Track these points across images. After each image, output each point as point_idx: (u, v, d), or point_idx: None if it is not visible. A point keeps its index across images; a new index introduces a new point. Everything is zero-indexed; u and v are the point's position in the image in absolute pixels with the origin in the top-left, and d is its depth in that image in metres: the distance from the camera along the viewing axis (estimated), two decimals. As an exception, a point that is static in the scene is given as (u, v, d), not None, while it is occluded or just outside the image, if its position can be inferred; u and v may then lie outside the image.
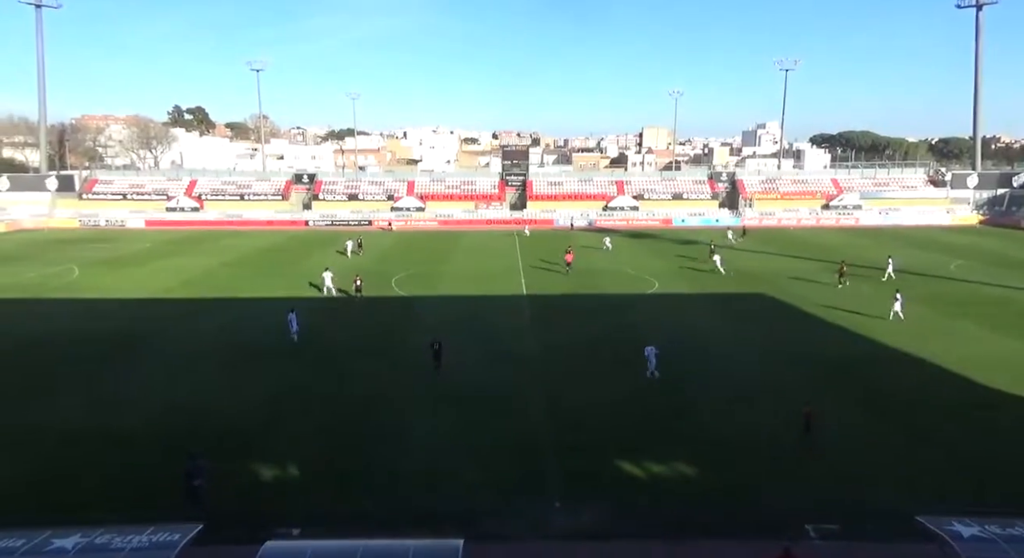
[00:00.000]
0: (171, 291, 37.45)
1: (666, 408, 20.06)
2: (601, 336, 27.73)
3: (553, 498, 14.93)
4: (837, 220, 74.12)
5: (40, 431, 18.32)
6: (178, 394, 21.21)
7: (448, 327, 28.17)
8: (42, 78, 76.58)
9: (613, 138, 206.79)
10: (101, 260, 48.25)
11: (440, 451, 17.33)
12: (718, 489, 15.42)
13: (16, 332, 28.29)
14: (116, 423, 18.82)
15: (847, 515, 14.13)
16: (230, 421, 19.03)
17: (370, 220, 72.83)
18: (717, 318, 31.21)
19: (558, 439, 18.01)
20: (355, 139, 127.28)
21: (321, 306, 33.94)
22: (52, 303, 34.54)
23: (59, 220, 71.94)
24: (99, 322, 30.10)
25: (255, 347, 26.15)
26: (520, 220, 73.26)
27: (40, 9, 73.55)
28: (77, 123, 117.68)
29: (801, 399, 19.34)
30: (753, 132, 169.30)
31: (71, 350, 25.73)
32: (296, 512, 14.31)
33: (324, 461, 16.80)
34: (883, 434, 18.29)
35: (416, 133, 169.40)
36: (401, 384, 22.24)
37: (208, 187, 79.00)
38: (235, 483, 15.45)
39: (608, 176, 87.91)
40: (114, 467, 16.23)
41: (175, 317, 31.36)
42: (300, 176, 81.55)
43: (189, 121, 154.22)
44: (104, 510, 13.85)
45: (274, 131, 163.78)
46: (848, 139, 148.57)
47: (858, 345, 26.53)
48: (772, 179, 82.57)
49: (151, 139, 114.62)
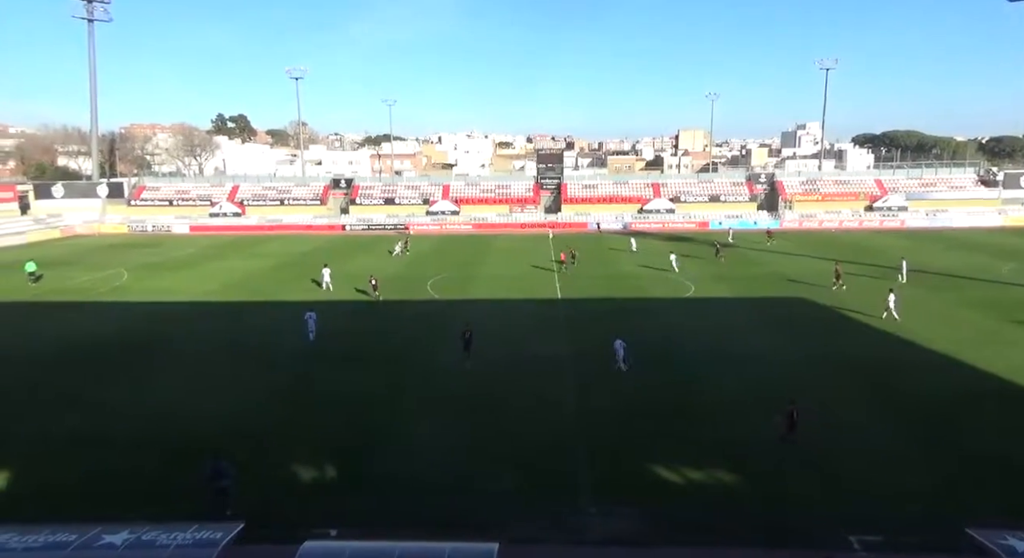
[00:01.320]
0: (214, 294, 38.48)
1: (702, 413, 19.76)
2: (635, 340, 27.47)
3: (587, 503, 14.86)
4: (881, 222, 72.05)
5: (84, 432, 19.01)
6: (218, 396, 21.76)
7: (481, 329, 28.29)
8: (94, 89, 79.65)
9: (648, 140, 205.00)
10: (148, 264, 49.89)
11: (470, 454, 17.40)
12: (757, 496, 15.12)
13: (68, 334, 29.39)
14: (157, 425, 19.41)
15: (892, 526, 13.70)
16: (257, 422, 19.45)
17: (406, 224, 73.68)
18: (755, 322, 30.60)
19: (590, 443, 17.92)
20: (391, 144, 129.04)
21: (358, 309, 34.47)
22: (101, 306, 35.83)
23: (109, 226, 74.64)
24: (143, 324, 31.14)
25: (290, 348, 26.68)
26: (552, 223, 73.28)
27: (92, 23, 76.54)
28: (126, 132, 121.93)
29: (841, 406, 18.84)
30: (793, 133, 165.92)
31: (116, 352, 26.65)
32: (325, 514, 14.52)
33: (352, 463, 16.98)
34: (927, 442, 17.69)
35: (451, 138, 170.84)
36: (432, 386, 22.42)
37: (249, 193, 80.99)
38: (260, 484, 15.74)
39: (643, 178, 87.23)
40: (153, 468, 16.73)
41: (217, 319, 32.23)
42: (338, 181, 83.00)
43: (232, 129, 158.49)
44: (154, 509, 14.30)
45: (313, 137, 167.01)
46: (893, 139, 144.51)
47: (901, 350, 25.73)
48: (813, 180, 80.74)
49: (195, 147, 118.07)
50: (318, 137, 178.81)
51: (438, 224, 74.28)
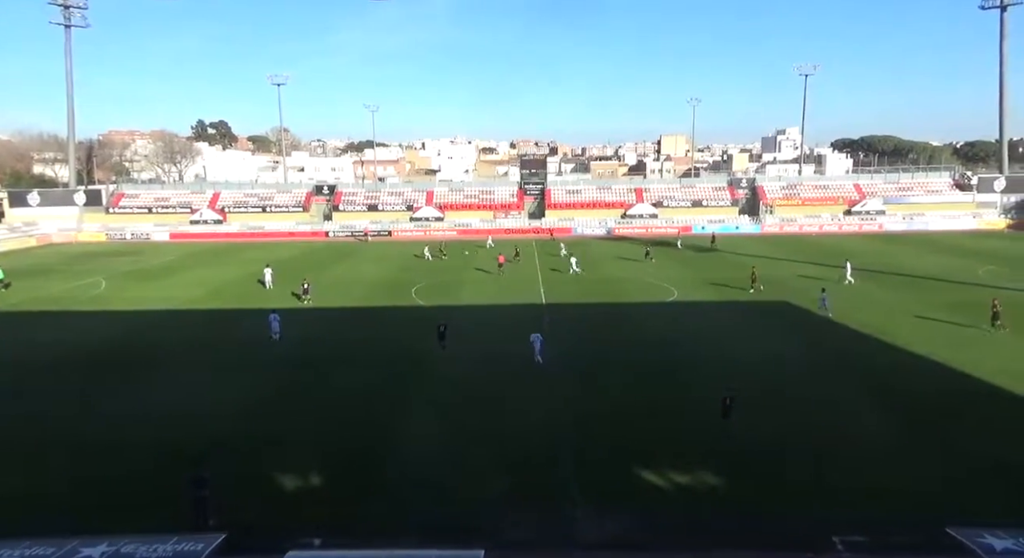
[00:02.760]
0: (195, 302, 38.03)
1: (688, 416, 19.85)
2: (620, 343, 27.61)
3: (574, 507, 14.85)
4: (860, 226, 73.14)
5: (64, 442, 18.66)
6: (200, 403, 21.44)
7: (467, 335, 28.33)
8: (71, 95, 78.69)
9: (631, 146, 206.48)
10: (127, 273, 49.19)
11: (458, 459, 17.32)
12: (742, 498, 15.20)
13: (45, 344, 28.86)
14: (135, 433, 19.10)
15: (875, 527, 13.84)
16: (240, 430, 19.22)
17: (390, 231, 73.45)
18: (738, 326, 30.88)
19: (577, 447, 17.92)
20: (374, 151, 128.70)
21: (351, 315, 34.26)
22: (79, 315, 35.23)
23: (87, 234, 73.56)
24: (122, 333, 30.65)
25: (272, 355, 26.44)
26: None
27: (69, 29, 75.60)
28: (104, 138, 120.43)
29: (825, 406, 19.00)
30: (773, 138, 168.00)
31: (93, 362, 26.22)
32: (310, 522, 14.36)
33: (335, 470, 16.83)
34: (911, 443, 17.94)
35: (434, 144, 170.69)
36: (421, 392, 22.32)
37: (231, 200, 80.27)
38: (243, 493, 15.55)
39: (627, 184, 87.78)
40: (132, 477, 16.45)
41: (197, 327, 31.84)
42: (320, 188, 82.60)
43: (212, 135, 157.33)
44: (129, 520, 14.04)
45: (295, 144, 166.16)
46: (870, 144, 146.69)
47: (884, 353, 26.10)
48: (793, 185, 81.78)
49: (175, 153, 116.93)
50: (300, 143, 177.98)
51: (422, 230, 74.14)
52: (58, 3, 73.75)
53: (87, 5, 75.69)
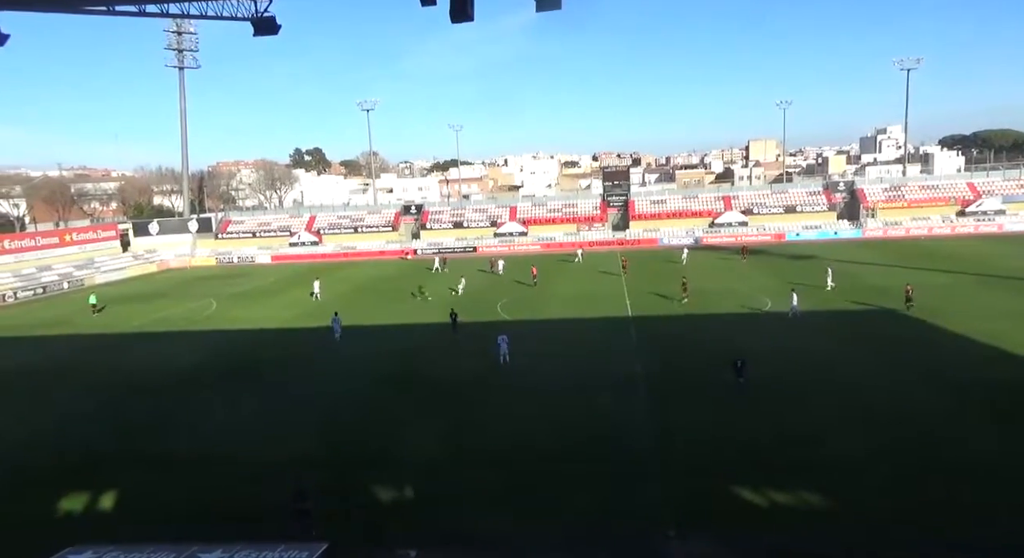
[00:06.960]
0: (293, 321, 40.16)
1: (780, 432, 18.93)
2: (712, 357, 26.74)
3: (667, 527, 14.46)
4: (976, 227, 67.45)
5: (179, 454, 20.13)
6: (303, 417, 22.60)
7: (554, 350, 28.35)
8: (184, 132, 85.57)
9: (718, 153, 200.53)
10: (235, 294, 52.68)
11: (549, 477, 17.30)
12: (836, 520, 14.31)
13: (166, 363, 31.34)
14: (247, 446, 20.32)
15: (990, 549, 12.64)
16: (342, 440, 20.01)
17: (475, 247, 74.72)
18: (836, 337, 29.22)
19: (667, 465, 17.49)
20: (459, 169, 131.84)
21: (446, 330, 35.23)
22: (194, 334, 38.07)
23: (200, 259, 79.44)
24: (233, 350, 32.83)
25: (367, 369, 27.45)
26: (623, 240, 72.65)
27: (183, 71, 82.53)
28: (213, 170, 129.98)
29: (921, 419, 17.59)
30: (872, 138, 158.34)
31: (210, 377, 28.21)
32: (406, 532, 14.71)
33: (430, 481, 17.22)
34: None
35: (516, 160, 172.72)
36: (510, 411, 22.52)
37: (325, 222, 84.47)
38: (347, 503, 16.14)
39: (714, 192, 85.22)
40: (245, 488, 17.48)
41: (299, 344, 33.64)
42: (408, 207, 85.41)
43: (308, 162, 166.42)
44: (245, 528, 14.92)
45: (384, 166, 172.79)
46: (985, 139, 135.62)
47: (998, 364, 23.91)
48: (897, 186, 76.63)
49: (276, 180, 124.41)
50: (388, 165, 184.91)
51: (506, 246, 74.97)
52: (173, 48, 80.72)
53: (198, 48, 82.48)
